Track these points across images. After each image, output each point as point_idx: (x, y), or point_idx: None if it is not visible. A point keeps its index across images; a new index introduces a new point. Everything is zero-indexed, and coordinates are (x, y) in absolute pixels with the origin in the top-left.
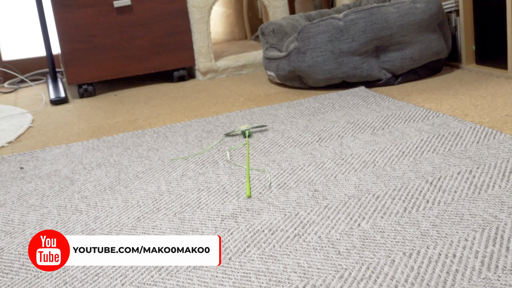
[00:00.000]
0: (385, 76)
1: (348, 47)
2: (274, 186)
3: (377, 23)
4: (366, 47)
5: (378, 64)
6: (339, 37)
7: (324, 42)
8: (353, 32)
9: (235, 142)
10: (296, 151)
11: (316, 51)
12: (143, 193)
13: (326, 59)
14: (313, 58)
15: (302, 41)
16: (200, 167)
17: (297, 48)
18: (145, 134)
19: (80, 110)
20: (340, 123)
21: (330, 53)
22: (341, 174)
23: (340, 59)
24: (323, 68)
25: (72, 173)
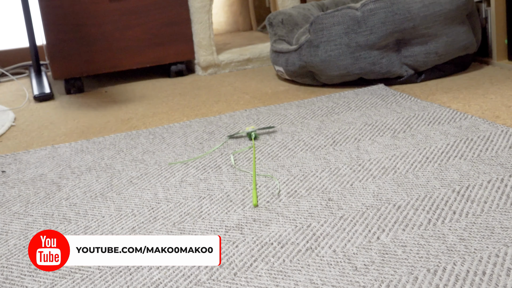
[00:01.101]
0: (406, 72)
1: (366, 40)
2: (283, 194)
3: (398, 14)
4: (386, 40)
5: (399, 60)
6: (356, 29)
7: (339, 35)
8: (372, 23)
9: (240, 145)
10: (307, 155)
11: (330, 44)
12: (138, 201)
13: (341, 54)
14: (327, 52)
15: (314, 33)
16: (201, 173)
17: (309, 40)
18: (139, 135)
19: (67, 107)
20: (357, 124)
21: (345, 46)
22: (358, 182)
23: (356, 53)
24: (337, 63)
25: (59, 178)
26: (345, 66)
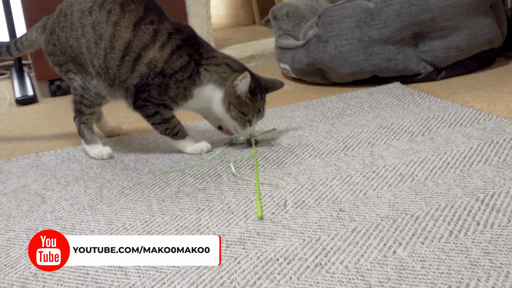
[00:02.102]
0: (425, 69)
1: (380, 34)
2: (290, 205)
3: (415, 5)
4: (402, 34)
5: (416, 55)
6: (368, 22)
7: (351, 28)
8: (386, 15)
9: (242, 152)
10: (316, 162)
11: (340, 39)
12: (130, 214)
13: (353, 49)
14: (337, 47)
15: (323, 27)
16: (200, 182)
17: (318, 35)
18: (132, 141)
19: (52, 111)
20: (371, 127)
21: (357, 41)
22: (372, 190)
23: (370, 48)
24: (349, 60)
25: (43, 189)
26: (357, 63)
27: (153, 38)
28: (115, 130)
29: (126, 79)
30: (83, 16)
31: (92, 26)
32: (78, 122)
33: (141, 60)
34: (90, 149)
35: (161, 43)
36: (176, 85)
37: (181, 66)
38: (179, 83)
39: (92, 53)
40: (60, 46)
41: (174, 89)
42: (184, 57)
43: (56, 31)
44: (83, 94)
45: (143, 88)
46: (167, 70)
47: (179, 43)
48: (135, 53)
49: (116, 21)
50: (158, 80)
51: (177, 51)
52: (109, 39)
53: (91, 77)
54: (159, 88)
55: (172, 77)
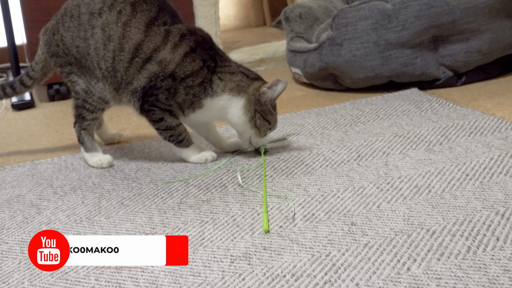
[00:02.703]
0: (444, 74)
1: (397, 37)
2: (298, 218)
3: (435, 6)
4: (420, 37)
5: (435, 59)
6: (385, 24)
7: (367, 31)
8: (404, 17)
9: (249, 161)
10: (328, 172)
11: (355, 42)
12: (130, 226)
13: (369, 53)
14: (352, 51)
15: (337, 29)
16: (204, 193)
17: (331, 38)
18: (133, 149)
19: (50, 117)
20: (386, 136)
21: (373, 44)
22: (386, 203)
23: (386, 52)
24: (364, 64)
25: (39, 199)
26: (373, 68)
27: (165, 39)
28: (116, 137)
29: (133, 81)
30: (92, 18)
31: (101, 27)
32: (78, 128)
33: (151, 61)
34: (90, 157)
35: (173, 44)
36: (185, 91)
37: (193, 71)
38: (188, 89)
39: (100, 55)
40: (64, 46)
41: (182, 95)
42: (197, 61)
43: (59, 31)
44: (85, 98)
45: (151, 91)
46: (178, 73)
47: (193, 45)
48: (145, 55)
49: (126, 21)
50: (167, 83)
51: (190, 54)
52: (118, 40)
53: (97, 80)
54: (167, 93)
55: (183, 82)
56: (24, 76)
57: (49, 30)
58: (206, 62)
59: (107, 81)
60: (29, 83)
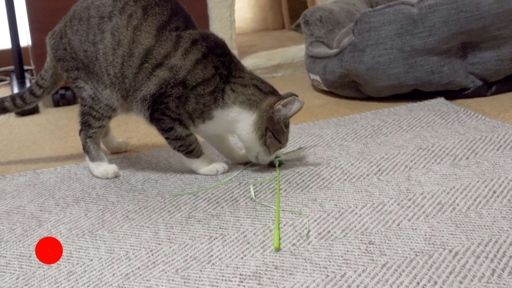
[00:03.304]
0: (473, 83)
1: (424, 44)
2: (313, 235)
3: (465, 11)
4: (448, 43)
5: (464, 68)
6: (411, 29)
7: (391, 36)
8: (431, 22)
9: (263, 173)
10: (345, 186)
11: (379, 48)
12: (135, 241)
13: (393, 60)
14: (375, 57)
15: (360, 34)
16: (214, 207)
17: (353, 43)
18: (140, 159)
19: (55, 123)
20: (409, 148)
21: (398, 51)
22: (407, 221)
23: (411, 59)
24: (388, 72)
25: (40, 211)
26: (397, 75)
27: (176, 45)
28: (122, 146)
29: (142, 88)
30: (102, 22)
31: (111, 32)
32: (84, 136)
33: (161, 67)
34: (95, 166)
35: (184, 50)
36: (195, 100)
37: (204, 79)
38: (199, 98)
39: (108, 61)
40: (71, 50)
41: (193, 103)
42: (209, 68)
43: (67, 34)
44: (92, 105)
45: (161, 99)
46: (189, 80)
47: (205, 51)
48: (155, 60)
49: (137, 25)
50: (178, 90)
51: (202, 61)
52: (128, 45)
53: (104, 86)
54: (177, 101)
55: (194, 90)
56: (33, 86)
57: (56, 34)
58: (219, 70)
59: (115, 88)
60: (39, 92)
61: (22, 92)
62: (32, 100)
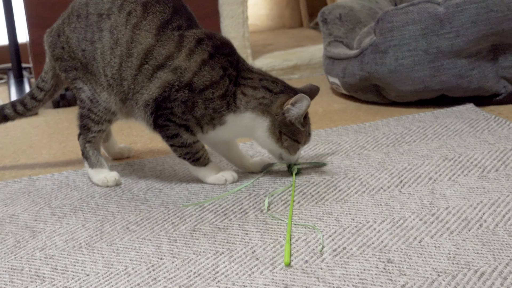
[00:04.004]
0: (505, 89)
1: (451, 45)
2: (327, 252)
3: (495, 11)
4: (477, 45)
5: (495, 71)
6: (437, 29)
7: (415, 37)
8: (459, 23)
9: (275, 183)
10: (364, 199)
11: (402, 49)
12: (135, 255)
13: (417, 62)
14: (398, 60)
15: (382, 34)
16: (221, 219)
17: (375, 44)
18: (144, 166)
19: (54, 126)
20: (434, 159)
21: (423, 53)
22: (429, 238)
23: (438, 62)
24: (412, 75)
25: (34, 221)
26: (422, 79)
27: (178, 45)
28: (125, 152)
29: (143, 91)
30: (100, 19)
31: (109, 30)
32: (82, 141)
33: (164, 68)
34: (94, 173)
35: (188, 51)
36: (204, 105)
37: (213, 81)
38: (208, 102)
39: (106, 61)
40: (69, 49)
41: (201, 109)
42: (217, 69)
43: (65, 32)
44: (91, 108)
45: (165, 104)
46: (196, 83)
47: (211, 50)
48: (156, 61)
49: (136, 23)
50: (184, 94)
51: (208, 61)
52: (126, 45)
53: (102, 88)
54: (184, 106)
55: (202, 94)
56: (34, 89)
57: (54, 31)
58: (227, 71)
59: (113, 90)
60: (41, 95)
61: (23, 97)
62: (33, 105)
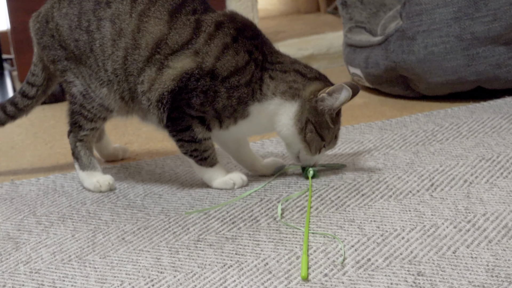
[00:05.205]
0: None
1: (487, 30)
2: (349, 264)
3: None
4: None
5: None
6: (471, 12)
7: (447, 21)
8: (496, 5)
9: (290, 188)
10: (390, 205)
11: (432, 35)
12: (132, 268)
13: (450, 50)
14: (428, 47)
15: (409, 19)
16: (229, 228)
17: (401, 29)
18: (141, 169)
19: (38, 124)
20: (469, 159)
21: (456, 39)
22: (465, 248)
23: (472, 49)
24: (443, 65)
25: (17, 230)
26: (455, 69)
27: (196, 31)
28: (119, 153)
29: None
30: (98, 7)
31: (110, 20)
32: (73, 139)
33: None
34: (86, 177)
35: (208, 35)
36: (227, 94)
37: (238, 67)
38: (232, 91)
39: (106, 54)
40: (60, 38)
41: (224, 99)
42: (241, 54)
43: (55, 18)
44: (83, 104)
45: (181, 96)
46: (219, 70)
47: (233, 33)
48: (170, 50)
49: (143, 10)
50: (205, 83)
51: (232, 45)
52: (132, 35)
53: (100, 84)
54: (203, 96)
55: (226, 81)
56: (24, 86)
57: (41, 16)
58: (253, 55)
59: (113, 87)
60: (32, 92)
61: (13, 96)
62: (25, 103)
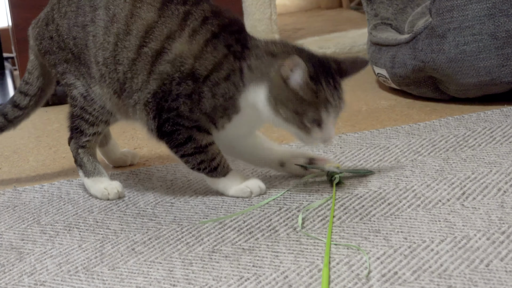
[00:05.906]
0: None
1: None
2: (375, 278)
3: None
4: None
5: None
6: (506, 9)
7: (480, 18)
8: None
9: (311, 196)
10: (419, 215)
11: (464, 33)
12: (143, 281)
13: (483, 49)
14: (459, 46)
15: (439, 15)
16: (246, 238)
17: (430, 27)
18: (152, 175)
19: (42, 128)
20: (503, 166)
21: (489, 37)
22: (499, 261)
23: (507, 48)
24: (476, 65)
25: (21, 240)
26: (489, 69)
27: (182, 23)
28: (128, 158)
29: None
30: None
31: (105, 7)
32: (74, 145)
33: (163, 55)
34: (92, 183)
35: (191, 30)
36: (211, 93)
37: (215, 63)
38: (215, 89)
39: (98, 43)
40: (59, 39)
41: (209, 99)
42: (220, 48)
43: (55, 19)
44: (84, 106)
45: (168, 104)
46: (199, 70)
47: (215, 30)
48: (156, 45)
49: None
50: (187, 87)
51: (211, 41)
52: (125, 20)
53: (94, 81)
54: (189, 101)
55: (207, 80)
56: (16, 95)
57: (41, 21)
58: (232, 47)
59: (105, 81)
60: (24, 102)
61: (2, 106)
62: (16, 114)
